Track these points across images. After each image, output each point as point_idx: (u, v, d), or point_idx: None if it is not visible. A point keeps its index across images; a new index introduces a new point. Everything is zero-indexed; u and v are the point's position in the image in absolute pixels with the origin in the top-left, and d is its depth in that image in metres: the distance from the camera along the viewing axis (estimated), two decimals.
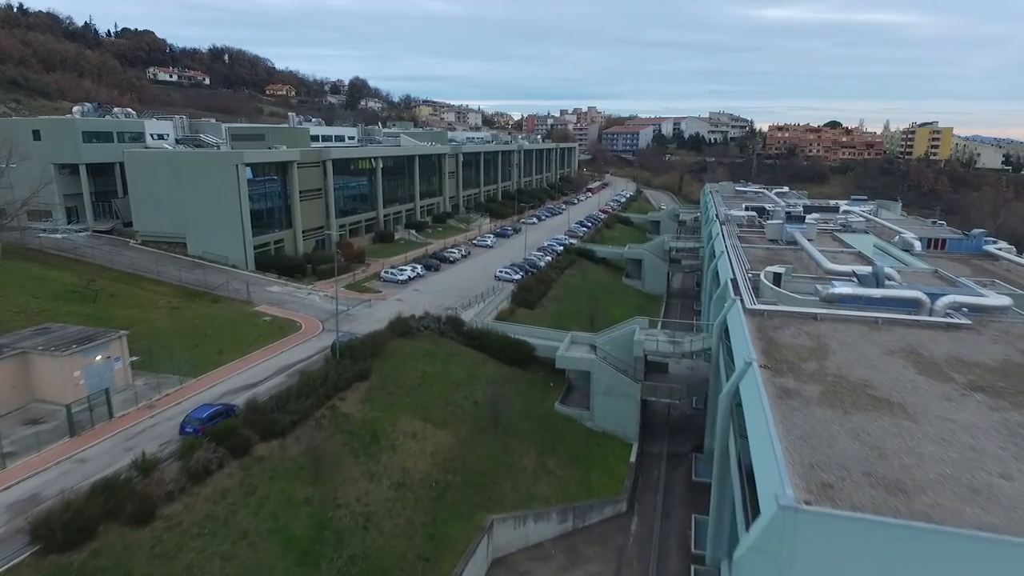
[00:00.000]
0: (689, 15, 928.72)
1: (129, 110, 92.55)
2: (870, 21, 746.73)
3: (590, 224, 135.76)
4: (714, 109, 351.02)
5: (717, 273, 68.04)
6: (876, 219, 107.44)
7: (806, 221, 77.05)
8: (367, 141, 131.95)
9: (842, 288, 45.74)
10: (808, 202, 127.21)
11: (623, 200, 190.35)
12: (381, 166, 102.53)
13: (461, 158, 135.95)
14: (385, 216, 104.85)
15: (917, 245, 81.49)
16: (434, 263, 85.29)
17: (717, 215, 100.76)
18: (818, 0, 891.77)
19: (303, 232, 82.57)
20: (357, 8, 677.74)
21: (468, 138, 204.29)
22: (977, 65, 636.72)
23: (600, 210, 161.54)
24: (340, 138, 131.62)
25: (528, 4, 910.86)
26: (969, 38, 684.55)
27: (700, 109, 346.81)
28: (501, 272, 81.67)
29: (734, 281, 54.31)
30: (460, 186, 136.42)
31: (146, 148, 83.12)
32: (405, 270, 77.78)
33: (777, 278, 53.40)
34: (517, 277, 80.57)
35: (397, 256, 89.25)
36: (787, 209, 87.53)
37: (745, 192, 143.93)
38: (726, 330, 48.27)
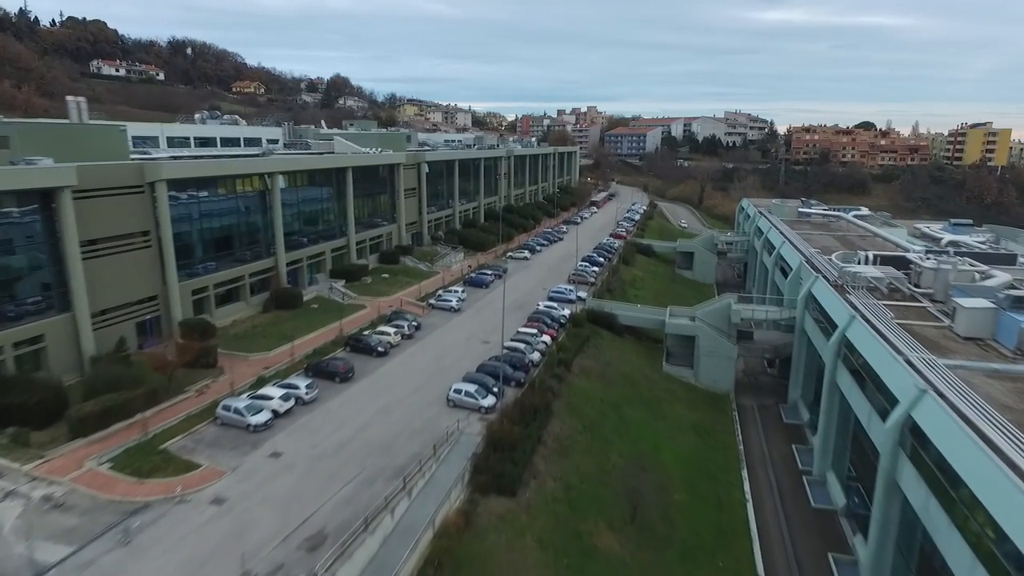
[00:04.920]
0: (687, 17, 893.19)
1: None
2: (867, 24, 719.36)
3: (603, 259, 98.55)
4: (712, 111, 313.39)
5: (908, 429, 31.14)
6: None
7: None
8: (295, 145, 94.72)
9: None
10: (919, 227, 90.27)
11: (637, 218, 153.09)
12: (283, 185, 65.14)
13: (426, 168, 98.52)
14: (292, 264, 67.35)
15: None
16: (339, 366, 47.44)
17: (812, 264, 63.66)
18: (816, 3, 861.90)
19: (102, 313, 45.22)
20: (357, 9, 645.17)
21: (447, 141, 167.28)
22: (973, 67, 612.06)
23: (612, 234, 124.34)
24: (255, 141, 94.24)
25: (527, 6, 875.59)
26: (965, 41, 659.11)
27: (699, 111, 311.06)
28: (459, 393, 44.09)
29: None
30: (424, 207, 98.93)
31: None
32: (267, 401, 40.16)
33: None
34: (487, 403, 43.18)
35: (282, 348, 51.52)
36: (962, 266, 50.24)
37: (810, 215, 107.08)
38: None
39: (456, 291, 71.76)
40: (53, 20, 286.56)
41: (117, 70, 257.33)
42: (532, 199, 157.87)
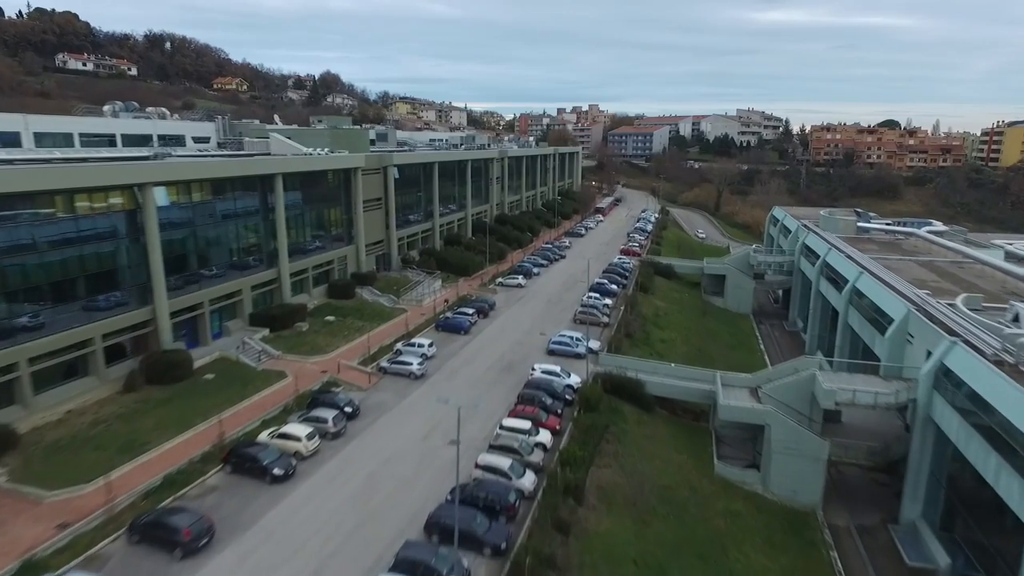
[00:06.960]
0: (686, 18, 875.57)
1: None
2: (867, 24, 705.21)
3: (616, 286, 78.67)
4: (713, 111, 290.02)
5: None
6: None
7: None
8: (230, 144, 75.02)
9: None
10: (997, 242, 70.63)
11: (649, 228, 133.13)
12: (164, 202, 45.14)
13: (395, 173, 78.55)
14: (185, 312, 47.36)
15: None
16: (183, 528, 27.01)
17: (931, 316, 43.78)
18: (816, 3, 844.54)
19: None
20: (357, 10, 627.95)
21: (432, 139, 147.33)
22: (972, 68, 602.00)
23: (623, 250, 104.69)
24: (176, 139, 74.39)
25: (527, 7, 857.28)
26: (966, 42, 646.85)
27: (700, 111, 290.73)
28: None
29: None
30: (392, 222, 78.87)
31: None
32: None
33: None
34: None
35: (113, 474, 31.58)
36: None
37: (868, 229, 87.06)
38: None
39: (420, 345, 51.76)
40: (20, 11, 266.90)
41: (84, 64, 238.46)
42: (530, 206, 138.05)
